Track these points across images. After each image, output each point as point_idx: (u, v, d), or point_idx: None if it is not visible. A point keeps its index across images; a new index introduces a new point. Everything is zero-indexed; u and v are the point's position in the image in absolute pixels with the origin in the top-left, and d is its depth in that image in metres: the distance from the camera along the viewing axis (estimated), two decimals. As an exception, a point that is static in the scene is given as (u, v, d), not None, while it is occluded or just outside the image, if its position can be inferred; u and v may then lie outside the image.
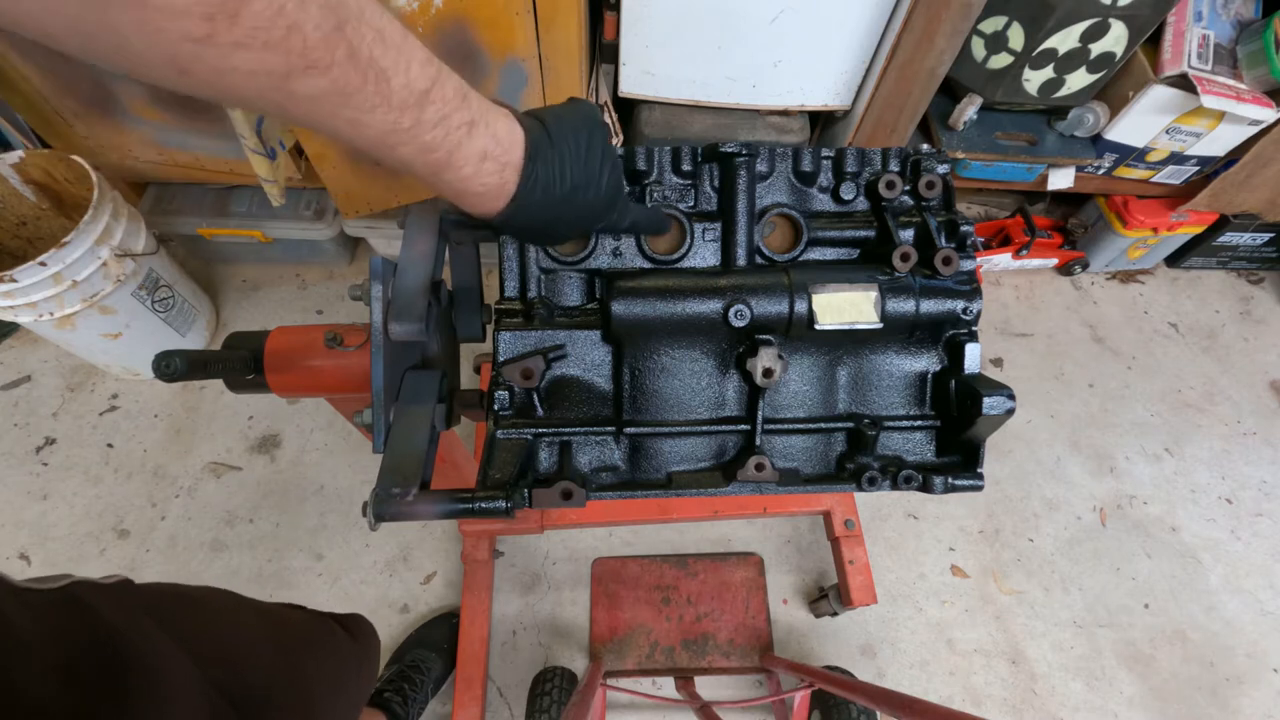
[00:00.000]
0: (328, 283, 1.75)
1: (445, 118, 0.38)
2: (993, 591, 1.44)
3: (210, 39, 0.26)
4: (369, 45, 0.32)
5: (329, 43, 0.30)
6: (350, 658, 0.74)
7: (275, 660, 0.61)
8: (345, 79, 0.31)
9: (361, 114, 0.34)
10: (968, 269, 0.60)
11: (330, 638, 0.73)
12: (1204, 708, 1.35)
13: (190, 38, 0.25)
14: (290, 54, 0.28)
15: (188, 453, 1.50)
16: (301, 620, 0.72)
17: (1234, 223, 1.74)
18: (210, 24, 0.25)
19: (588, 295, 0.63)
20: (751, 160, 0.61)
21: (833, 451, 0.64)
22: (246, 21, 0.26)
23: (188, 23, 0.25)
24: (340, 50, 0.30)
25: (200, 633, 0.54)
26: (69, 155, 1.28)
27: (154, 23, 0.25)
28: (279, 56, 0.28)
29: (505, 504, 0.52)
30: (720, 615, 1.37)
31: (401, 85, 0.34)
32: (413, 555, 1.41)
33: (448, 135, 0.38)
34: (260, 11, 0.26)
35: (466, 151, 0.40)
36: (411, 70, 0.35)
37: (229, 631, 0.59)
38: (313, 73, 0.30)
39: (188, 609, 0.57)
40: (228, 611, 0.62)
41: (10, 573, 0.44)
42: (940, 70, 1.25)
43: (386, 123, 0.35)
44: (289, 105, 0.31)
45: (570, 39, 1.15)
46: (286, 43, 0.28)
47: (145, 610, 0.50)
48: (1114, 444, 1.65)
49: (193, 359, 0.58)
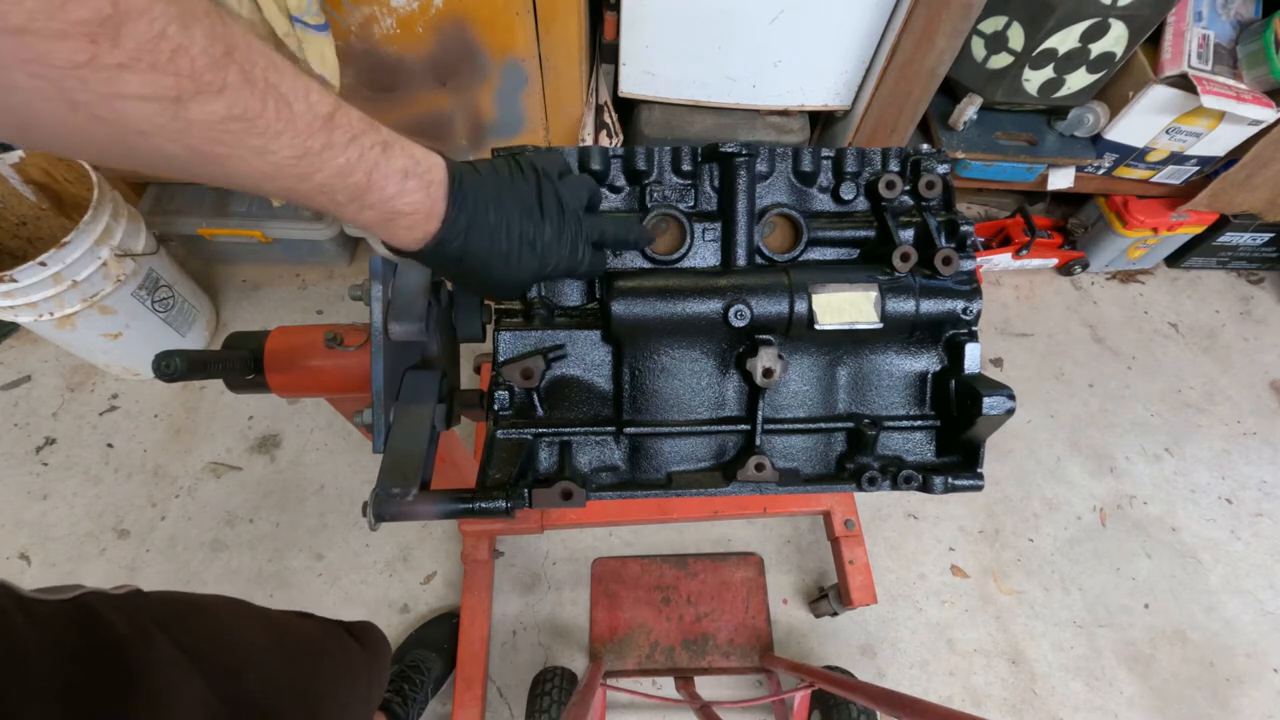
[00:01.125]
0: (328, 283, 1.75)
1: (355, 138, 0.37)
2: (993, 591, 1.44)
3: (95, 61, 0.26)
4: (262, 70, 0.32)
5: (218, 65, 0.29)
6: (361, 667, 0.73)
7: (284, 670, 0.61)
8: (243, 103, 0.31)
9: (268, 140, 0.33)
10: (968, 269, 0.60)
11: (340, 647, 0.72)
12: (1204, 708, 1.35)
13: (75, 63, 0.25)
14: (179, 75, 0.28)
15: (188, 453, 1.50)
16: (310, 629, 0.72)
17: (1234, 223, 1.74)
18: (94, 45, 0.25)
19: (588, 295, 0.63)
20: (751, 160, 0.61)
21: (833, 451, 0.64)
22: (128, 41, 0.26)
23: (71, 44, 0.25)
24: (232, 73, 0.30)
25: (209, 644, 0.54)
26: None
27: (37, 49, 0.24)
28: (168, 78, 0.28)
29: (505, 504, 0.52)
30: (720, 615, 1.37)
31: (304, 109, 0.34)
32: (413, 555, 1.41)
33: (362, 155, 0.37)
34: (142, 31, 0.26)
35: (386, 169, 0.39)
36: (311, 96, 0.34)
37: (237, 641, 0.59)
38: (206, 96, 0.30)
39: (196, 618, 0.57)
40: (238, 622, 0.62)
41: (20, 579, 0.44)
42: (940, 70, 1.25)
43: (296, 147, 0.34)
44: (189, 134, 0.30)
45: (570, 39, 1.15)
46: (174, 64, 0.28)
47: (156, 622, 0.50)
48: (1114, 444, 1.65)
49: (193, 359, 0.58)
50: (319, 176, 0.36)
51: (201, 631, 0.55)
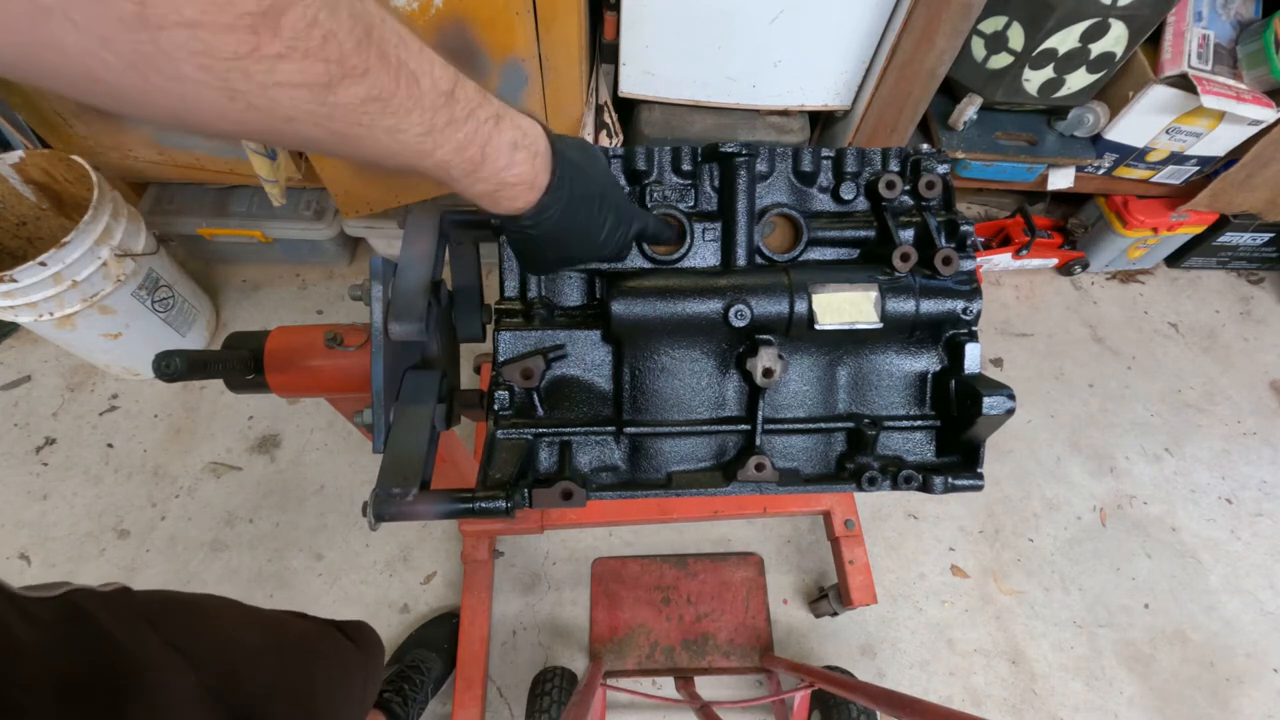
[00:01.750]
0: (328, 283, 1.75)
1: (472, 113, 0.38)
2: (993, 591, 1.44)
3: (256, 52, 0.27)
4: (395, 49, 0.33)
5: (362, 48, 0.30)
6: (356, 667, 0.73)
7: (278, 669, 0.61)
8: (380, 84, 0.32)
9: (399, 119, 0.34)
10: (968, 269, 0.60)
11: (335, 647, 0.72)
12: (1204, 708, 1.35)
13: (239, 54, 0.26)
14: (329, 61, 0.29)
15: (188, 453, 1.50)
16: (305, 629, 0.71)
17: (1234, 223, 1.74)
18: (255, 36, 0.26)
19: (588, 295, 0.63)
20: (751, 160, 0.61)
21: (833, 451, 0.64)
22: (286, 31, 0.27)
23: (238, 36, 0.26)
24: (373, 54, 0.31)
25: (201, 641, 0.54)
26: (69, 155, 1.28)
27: (207, 41, 0.25)
28: (319, 64, 0.29)
29: (505, 504, 0.52)
30: (720, 615, 1.37)
31: (430, 86, 0.35)
32: (413, 555, 1.41)
33: (478, 130, 0.39)
34: (297, 20, 0.27)
35: (498, 143, 0.41)
36: (435, 71, 0.35)
37: (230, 640, 0.59)
38: (350, 80, 0.30)
39: (188, 616, 0.57)
40: (229, 619, 0.62)
41: (20, 579, 0.44)
42: (940, 70, 1.25)
43: (423, 124, 0.35)
44: (333, 119, 0.31)
45: (570, 39, 1.15)
46: (324, 50, 0.29)
47: (145, 619, 0.50)
48: (1114, 444, 1.65)
49: (193, 359, 0.58)
50: (439, 153, 0.37)
51: (193, 629, 0.55)
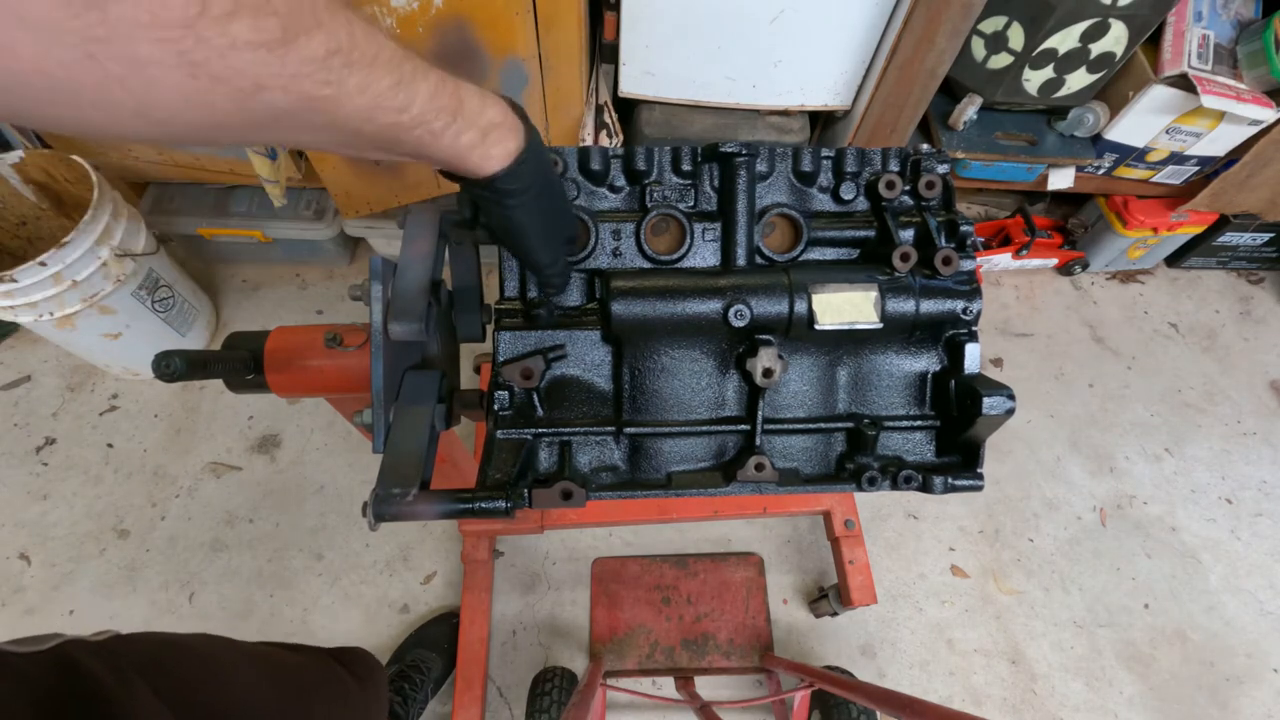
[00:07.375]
0: (328, 283, 1.75)
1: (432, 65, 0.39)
2: (993, 591, 1.44)
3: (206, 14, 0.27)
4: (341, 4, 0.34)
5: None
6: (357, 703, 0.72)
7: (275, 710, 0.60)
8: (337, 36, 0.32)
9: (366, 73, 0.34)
10: (968, 269, 0.60)
11: (336, 684, 0.71)
12: (1204, 708, 1.35)
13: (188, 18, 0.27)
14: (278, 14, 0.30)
15: (188, 453, 1.50)
16: (300, 665, 0.70)
17: (1234, 223, 1.74)
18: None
19: (588, 295, 0.63)
20: (751, 160, 0.61)
21: (833, 451, 0.63)
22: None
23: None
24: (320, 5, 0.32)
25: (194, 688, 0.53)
26: (69, 155, 1.28)
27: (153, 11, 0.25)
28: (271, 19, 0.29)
29: (505, 504, 0.52)
30: (720, 615, 1.37)
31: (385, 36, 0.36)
32: (413, 555, 1.41)
33: (444, 76, 0.39)
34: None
35: (468, 88, 0.41)
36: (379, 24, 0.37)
37: (224, 682, 0.58)
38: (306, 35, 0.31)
39: (181, 664, 0.56)
40: (223, 660, 0.61)
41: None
42: (940, 70, 1.25)
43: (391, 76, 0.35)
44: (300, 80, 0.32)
45: (570, 39, 1.15)
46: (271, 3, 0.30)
47: (137, 670, 0.49)
48: (1114, 444, 1.65)
49: (193, 359, 0.58)
50: (415, 107, 0.37)
51: (185, 674, 0.54)
